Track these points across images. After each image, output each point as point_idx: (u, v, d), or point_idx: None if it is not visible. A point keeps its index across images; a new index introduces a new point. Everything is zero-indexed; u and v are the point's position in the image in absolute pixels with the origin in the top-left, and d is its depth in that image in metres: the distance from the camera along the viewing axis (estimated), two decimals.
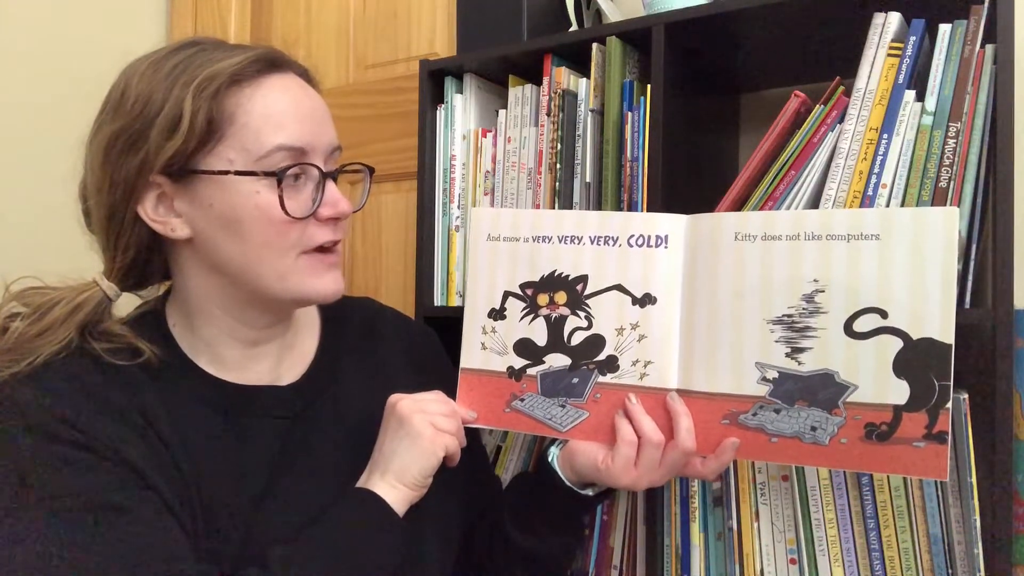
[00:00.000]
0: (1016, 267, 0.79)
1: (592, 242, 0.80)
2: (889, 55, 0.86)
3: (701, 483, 0.96)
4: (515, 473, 1.12)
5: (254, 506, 0.73)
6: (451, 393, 0.86)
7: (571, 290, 0.81)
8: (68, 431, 0.66)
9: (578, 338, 0.81)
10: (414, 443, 0.75)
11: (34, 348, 0.70)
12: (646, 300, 0.79)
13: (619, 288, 0.80)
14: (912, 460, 0.69)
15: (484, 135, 1.16)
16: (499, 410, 0.83)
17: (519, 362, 0.83)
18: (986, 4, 0.81)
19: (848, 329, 0.71)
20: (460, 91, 1.19)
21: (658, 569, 0.97)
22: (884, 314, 0.70)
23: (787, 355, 0.73)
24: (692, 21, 0.96)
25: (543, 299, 0.82)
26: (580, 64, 1.08)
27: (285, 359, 0.82)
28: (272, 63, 0.74)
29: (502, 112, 1.14)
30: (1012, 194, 0.79)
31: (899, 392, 0.69)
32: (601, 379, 0.80)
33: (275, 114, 0.71)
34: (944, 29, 0.84)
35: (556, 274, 0.82)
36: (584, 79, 1.06)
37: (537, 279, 0.82)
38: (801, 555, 0.89)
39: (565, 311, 0.81)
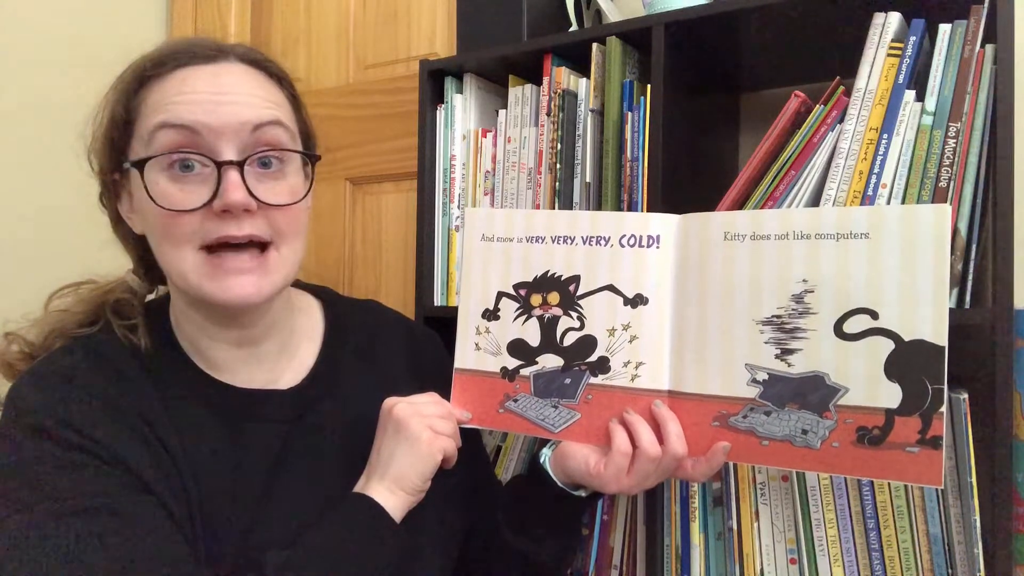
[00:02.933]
0: (1016, 267, 0.79)
1: (584, 242, 0.79)
2: (889, 55, 0.86)
3: (701, 483, 0.96)
4: (515, 473, 1.12)
5: (252, 510, 0.73)
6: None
7: (564, 290, 0.80)
8: (70, 434, 0.66)
9: (570, 339, 0.80)
10: (412, 447, 0.74)
11: (58, 320, 0.76)
12: (638, 301, 0.78)
13: (611, 288, 0.79)
14: (906, 466, 0.67)
15: (484, 135, 1.16)
16: (493, 411, 0.83)
17: (512, 363, 0.82)
18: (986, 4, 0.81)
19: (838, 330, 0.70)
20: (460, 91, 1.19)
21: (658, 569, 0.97)
22: (875, 315, 0.68)
23: (777, 356, 0.72)
24: (692, 21, 0.96)
25: (536, 299, 0.81)
26: (580, 64, 1.08)
27: (283, 363, 0.81)
28: (196, 56, 0.71)
29: (502, 112, 1.14)
30: (1012, 194, 0.79)
31: (891, 395, 0.68)
32: (592, 380, 0.79)
33: (166, 98, 0.69)
34: (944, 29, 0.84)
35: (549, 274, 0.81)
36: (584, 79, 1.06)
37: (530, 279, 0.82)
38: (801, 555, 0.89)
39: (558, 311, 0.80)
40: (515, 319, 0.82)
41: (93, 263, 0.82)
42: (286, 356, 0.82)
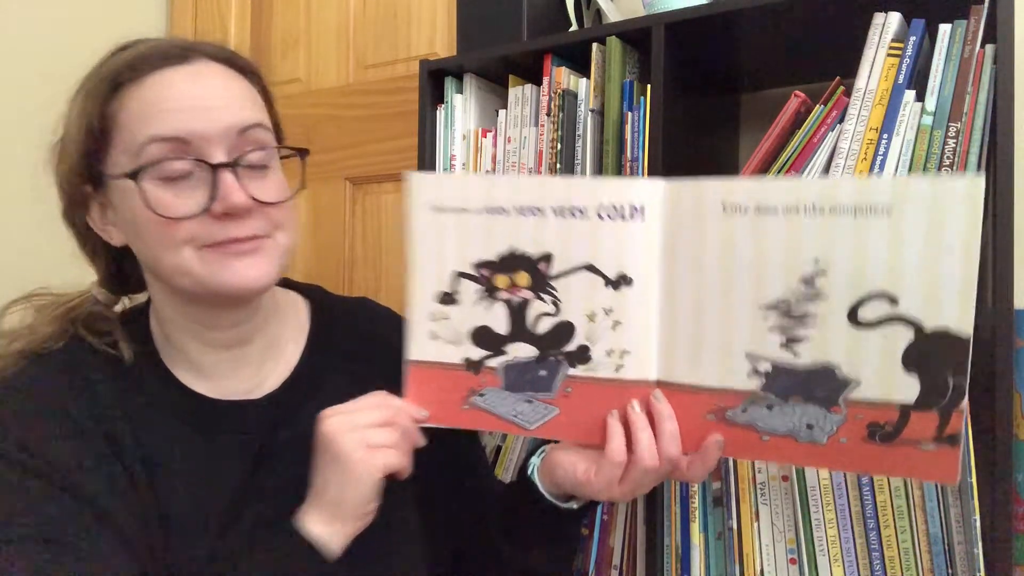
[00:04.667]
0: (1016, 267, 0.79)
1: (556, 214, 0.69)
2: (889, 55, 0.86)
3: (701, 483, 0.96)
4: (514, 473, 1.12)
5: (224, 522, 0.71)
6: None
7: (534, 270, 0.71)
8: (24, 457, 0.65)
9: (544, 325, 0.71)
10: (343, 470, 0.66)
11: (26, 341, 0.73)
12: (621, 282, 0.69)
13: (589, 268, 0.69)
14: (918, 463, 0.62)
15: (484, 135, 1.16)
16: (455, 407, 0.74)
17: (477, 353, 0.73)
18: (986, 4, 0.81)
19: (852, 317, 0.63)
20: (460, 91, 1.19)
21: (658, 569, 0.97)
22: (894, 300, 0.61)
23: (782, 346, 0.65)
24: (692, 21, 0.96)
25: (502, 281, 0.71)
26: (580, 64, 1.08)
27: (268, 365, 0.79)
28: (168, 57, 0.69)
29: (502, 112, 1.14)
30: (1012, 194, 0.79)
31: (908, 389, 0.62)
32: (572, 372, 0.71)
33: (148, 108, 0.67)
34: (944, 29, 0.84)
35: (516, 251, 0.71)
36: (584, 79, 1.06)
37: (494, 257, 0.71)
38: (801, 555, 0.89)
39: (528, 294, 0.71)
40: (477, 303, 0.72)
41: (36, 275, 0.79)
42: (271, 358, 0.80)
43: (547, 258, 0.70)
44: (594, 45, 1.04)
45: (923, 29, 0.85)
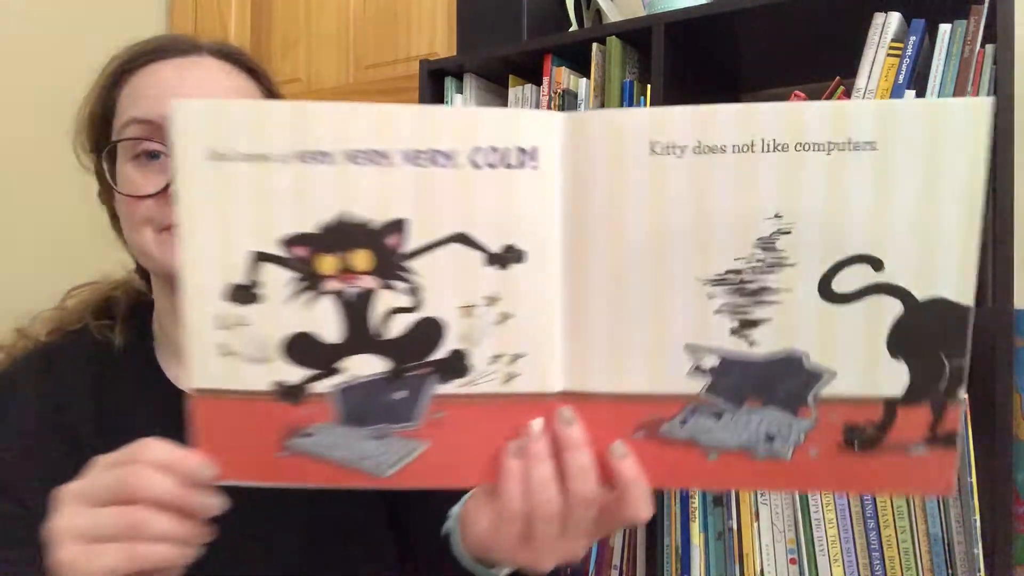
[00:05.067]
0: (1016, 267, 0.79)
1: (409, 161, 0.49)
2: (889, 55, 0.86)
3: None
4: None
5: None
6: None
7: (378, 246, 0.50)
8: None
9: (399, 325, 0.50)
10: (57, 570, 0.48)
11: (58, 319, 0.75)
12: (508, 256, 0.50)
13: (462, 239, 0.50)
14: (908, 473, 0.49)
15: None
16: (266, 455, 0.52)
17: (296, 373, 0.51)
18: (986, 4, 0.82)
19: (825, 289, 0.48)
20: (460, 91, 1.19)
21: (658, 569, 0.97)
22: (877, 264, 0.48)
23: (733, 331, 0.49)
24: (692, 21, 0.96)
25: (329, 264, 0.50)
26: (580, 64, 1.08)
27: None
28: (167, 50, 0.72)
29: None
30: (1012, 194, 0.79)
31: (894, 379, 0.48)
32: (443, 389, 0.50)
33: (135, 93, 0.71)
34: (944, 29, 0.84)
35: (349, 219, 0.50)
36: (584, 79, 1.06)
37: (314, 229, 0.50)
38: (801, 555, 0.89)
39: (371, 282, 0.50)
40: (292, 298, 0.51)
41: (115, 262, 0.82)
42: None
43: (397, 227, 0.50)
44: (594, 45, 1.04)
45: (923, 29, 0.85)
